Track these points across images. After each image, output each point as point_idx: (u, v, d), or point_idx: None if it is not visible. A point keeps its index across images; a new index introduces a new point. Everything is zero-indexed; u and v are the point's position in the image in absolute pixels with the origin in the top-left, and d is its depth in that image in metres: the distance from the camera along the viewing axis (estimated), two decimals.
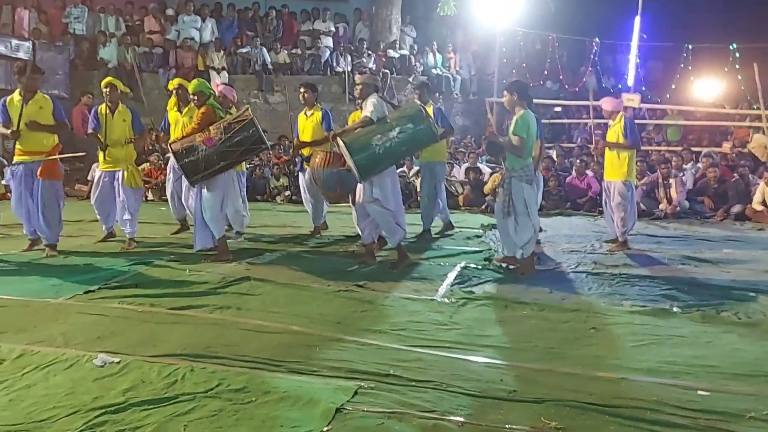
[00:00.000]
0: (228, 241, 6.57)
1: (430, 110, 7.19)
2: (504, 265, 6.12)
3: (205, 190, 6.07)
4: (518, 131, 5.72)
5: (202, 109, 6.11)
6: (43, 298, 4.85)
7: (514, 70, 17.30)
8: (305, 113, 7.36)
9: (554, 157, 12.80)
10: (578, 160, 11.65)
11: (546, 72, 16.95)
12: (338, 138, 5.72)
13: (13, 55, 12.21)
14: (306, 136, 7.28)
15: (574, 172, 11.36)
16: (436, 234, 7.98)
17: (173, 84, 7.17)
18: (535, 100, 15.20)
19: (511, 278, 5.77)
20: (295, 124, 7.58)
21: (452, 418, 2.96)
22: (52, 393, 3.17)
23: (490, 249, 7.10)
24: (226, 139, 5.89)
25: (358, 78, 6.19)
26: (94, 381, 3.33)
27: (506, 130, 7.18)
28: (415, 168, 10.72)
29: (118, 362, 3.56)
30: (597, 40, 16.50)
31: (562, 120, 16.24)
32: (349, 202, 6.48)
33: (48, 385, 3.28)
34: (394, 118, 5.74)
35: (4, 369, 3.48)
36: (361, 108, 6.05)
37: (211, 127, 5.98)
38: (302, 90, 7.37)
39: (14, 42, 12.52)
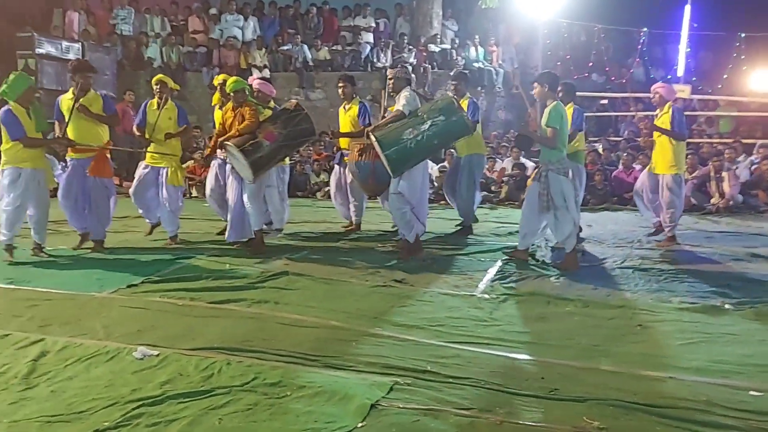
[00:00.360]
0: (266, 236, 6.62)
1: (465, 103, 7.06)
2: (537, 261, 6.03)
3: (249, 184, 6.14)
4: (552, 122, 5.62)
5: (249, 108, 6.14)
6: (88, 292, 4.95)
7: (558, 63, 16.94)
8: (344, 107, 7.34)
9: (600, 150, 12.48)
10: (625, 154, 11.34)
11: (591, 64, 16.55)
12: (370, 133, 5.69)
13: (64, 57, 12.52)
14: (344, 129, 7.27)
15: (620, 166, 11.05)
16: (458, 225, 7.79)
17: (218, 80, 7.22)
18: (580, 93, 14.88)
19: (554, 274, 5.63)
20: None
21: (490, 416, 2.89)
22: (92, 385, 3.22)
23: (533, 244, 6.95)
24: (287, 133, 6.08)
25: (390, 72, 6.15)
26: (133, 373, 3.37)
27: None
28: None
29: (157, 355, 3.59)
30: (645, 30, 16.03)
31: (608, 113, 15.84)
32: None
33: (89, 377, 3.33)
34: (425, 111, 5.68)
35: (47, 361, 3.55)
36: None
37: (267, 123, 6.09)
38: (340, 84, 7.34)
39: (64, 44, 12.86)
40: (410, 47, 15.13)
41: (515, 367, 3.51)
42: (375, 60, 14.88)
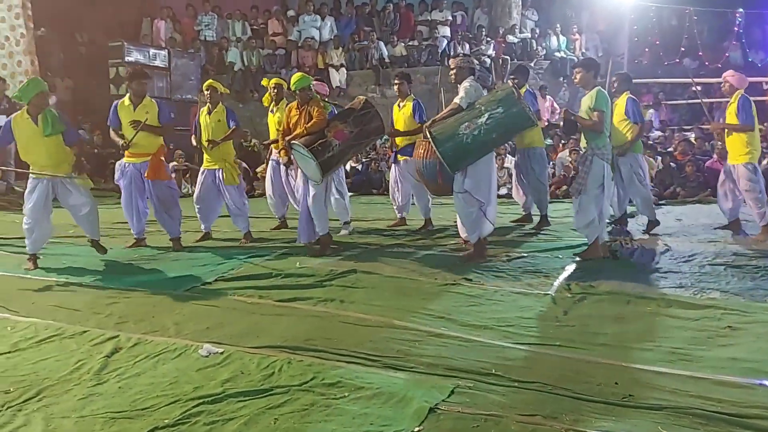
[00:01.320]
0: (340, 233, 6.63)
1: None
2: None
3: (311, 185, 6.03)
4: (598, 105, 5.50)
5: (316, 105, 6.06)
6: (164, 290, 5.09)
7: (647, 49, 16.15)
8: (398, 104, 7.23)
9: (692, 140, 11.78)
10: (720, 143, 10.60)
11: (683, 49, 15.65)
12: (427, 129, 5.53)
13: (151, 64, 13.10)
14: (399, 127, 7.14)
15: (715, 156, 10.35)
16: (513, 221, 7.79)
17: (272, 83, 7.26)
18: (671, 80, 14.02)
19: (637, 272, 5.32)
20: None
21: (555, 423, 2.72)
22: (157, 382, 3.28)
23: (616, 240, 6.62)
24: (358, 131, 5.96)
25: (452, 62, 5.92)
26: (197, 371, 3.41)
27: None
28: None
29: (222, 352, 3.63)
30: (741, 10, 14.99)
31: (701, 100, 14.92)
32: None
33: (155, 374, 3.39)
34: (483, 103, 5.43)
35: (119, 357, 3.66)
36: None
37: (337, 122, 6.00)
38: (396, 81, 7.25)
39: (152, 51, 13.44)
40: (488, 39, 14.84)
41: (587, 371, 3.29)
42: (452, 54, 14.64)
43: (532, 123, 5.58)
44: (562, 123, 6.14)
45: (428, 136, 5.43)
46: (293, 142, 5.96)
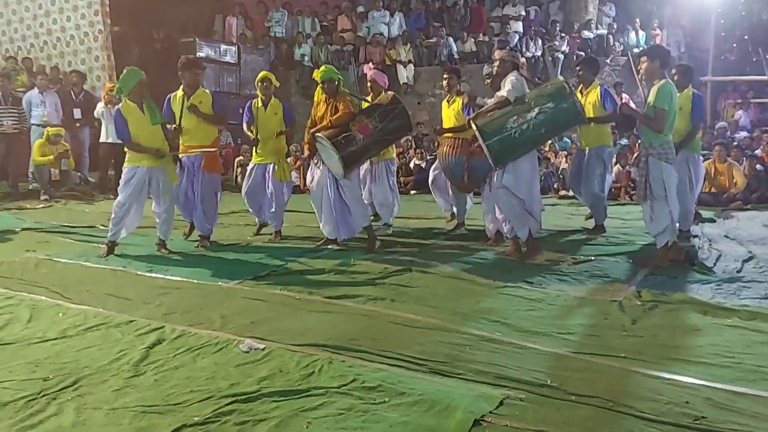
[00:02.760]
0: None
1: (595, 92, 6.48)
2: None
3: (344, 180, 5.88)
4: (660, 103, 5.04)
5: (343, 99, 5.93)
6: (215, 282, 5.03)
7: (734, 45, 15.25)
8: (447, 100, 6.91)
9: None
10: None
11: None
12: (472, 122, 5.29)
13: (221, 59, 13.33)
14: (448, 124, 6.79)
15: None
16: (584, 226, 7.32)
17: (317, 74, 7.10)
18: (761, 77, 13.19)
19: (717, 280, 4.88)
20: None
21: None
22: (194, 376, 3.17)
23: (694, 245, 6.16)
24: (383, 127, 5.81)
25: (496, 54, 5.68)
26: (236, 366, 3.28)
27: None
28: None
29: (263, 349, 3.49)
30: None
31: None
32: (480, 192, 6.08)
33: (194, 368, 3.29)
34: (532, 97, 5.20)
35: (161, 349, 3.57)
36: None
37: (362, 116, 5.85)
38: (445, 76, 6.93)
39: (222, 47, 13.68)
40: (562, 35, 14.32)
41: (654, 388, 2.97)
42: (524, 49, 14.19)
43: (582, 120, 5.35)
44: (618, 119, 5.71)
45: (474, 128, 5.21)
46: (318, 135, 5.81)
